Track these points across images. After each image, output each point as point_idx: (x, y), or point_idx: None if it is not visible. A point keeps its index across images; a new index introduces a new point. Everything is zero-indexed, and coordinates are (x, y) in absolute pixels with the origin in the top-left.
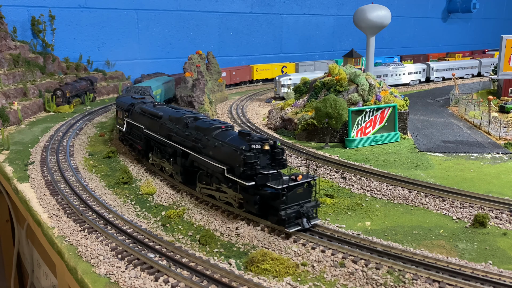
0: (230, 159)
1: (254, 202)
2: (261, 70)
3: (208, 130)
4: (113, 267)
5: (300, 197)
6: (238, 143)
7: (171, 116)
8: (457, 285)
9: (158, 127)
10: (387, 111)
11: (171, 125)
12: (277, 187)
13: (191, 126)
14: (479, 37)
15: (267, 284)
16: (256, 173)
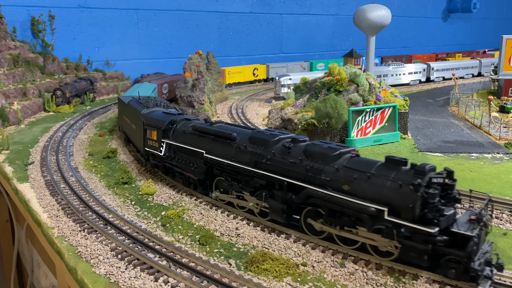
0: (392, 197)
1: (424, 253)
2: (233, 74)
3: (329, 157)
4: (113, 267)
5: (481, 240)
6: (405, 177)
7: (253, 137)
8: (457, 285)
9: (234, 152)
10: (387, 111)
11: (257, 149)
12: (470, 233)
13: (296, 151)
14: (479, 37)
15: (267, 284)
16: (439, 215)
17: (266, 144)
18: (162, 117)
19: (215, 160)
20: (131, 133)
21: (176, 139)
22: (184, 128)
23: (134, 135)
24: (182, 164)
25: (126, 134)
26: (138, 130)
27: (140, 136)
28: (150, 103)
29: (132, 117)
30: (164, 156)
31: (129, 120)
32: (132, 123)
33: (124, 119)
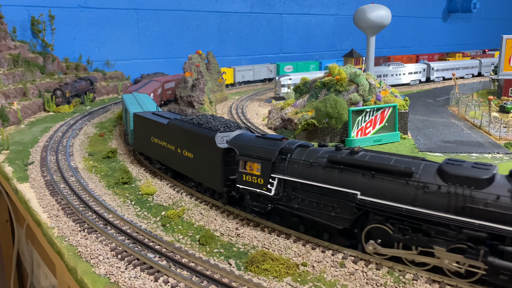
0: None
1: None
2: None
3: None
4: (113, 267)
5: None
6: None
7: (449, 173)
8: (457, 285)
9: (415, 194)
10: (387, 111)
11: (461, 190)
12: None
13: None
14: (479, 37)
15: (267, 284)
16: None
17: (476, 183)
18: (265, 144)
19: (380, 205)
20: (178, 162)
21: (295, 173)
22: (306, 159)
23: (187, 165)
24: (309, 207)
25: (159, 161)
26: (200, 160)
27: (206, 168)
28: (215, 124)
29: (180, 142)
30: (276, 197)
31: (171, 144)
32: (181, 148)
33: (153, 142)
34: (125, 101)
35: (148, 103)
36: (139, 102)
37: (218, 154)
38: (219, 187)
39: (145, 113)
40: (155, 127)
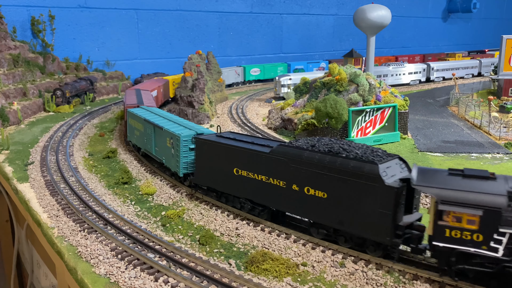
0: None
1: None
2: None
3: None
4: (113, 267)
5: None
6: None
7: None
8: (457, 285)
9: None
10: (387, 111)
11: None
12: None
13: None
14: (479, 37)
15: (267, 284)
16: None
17: None
18: (478, 185)
19: None
20: (293, 202)
21: None
22: None
23: (313, 207)
24: None
25: (250, 200)
26: (343, 201)
27: (355, 211)
28: (356, 151)
29: (298, 176)
30: (506, 258)
31: (278, 179)
32: (300, 185)
33: (238, 175)
34: (145, 118)
35: (185, 121)
36: (170, 119)
37: (387, 195)
38: (386, 238)
39: (211, 136)
40: (241, 156)
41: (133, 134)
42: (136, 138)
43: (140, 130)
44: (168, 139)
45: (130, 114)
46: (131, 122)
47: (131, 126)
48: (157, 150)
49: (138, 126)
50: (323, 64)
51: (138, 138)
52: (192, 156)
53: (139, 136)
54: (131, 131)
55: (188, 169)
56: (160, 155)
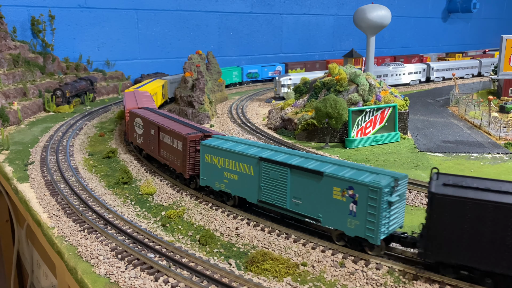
0: None
1: None
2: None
3: None
4: (113, 267)
5: None
6: None
7: None
8: (457, 285)
9: None
10: (387, 111)
11: None
12: None
13: None
14: (479, 37)
15: (267, 284)
16: None
17: None
18: None
19: None
20: None
21: None
22: None
23: None
24: None
25: None
26: None
27: None
28: None
29: None
30: None
31: None
32: None
33: None
34: (260, 157)
35: (328, 158)
36: (296, 154)
37: None
38: None
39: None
40: None
41: (217, 175)
42: (225, 181)
43: (239, 171)
44: (338, 190)
45: (207, 149)
46: (210, 159)
47: (208, 165)
48: (299, 203)
49: (231, 165)
50: (279, 67)
51: (234, 183)
52: (394, 212)
53: (235, 181)
54: (208, 170)
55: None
56: (308, 210)
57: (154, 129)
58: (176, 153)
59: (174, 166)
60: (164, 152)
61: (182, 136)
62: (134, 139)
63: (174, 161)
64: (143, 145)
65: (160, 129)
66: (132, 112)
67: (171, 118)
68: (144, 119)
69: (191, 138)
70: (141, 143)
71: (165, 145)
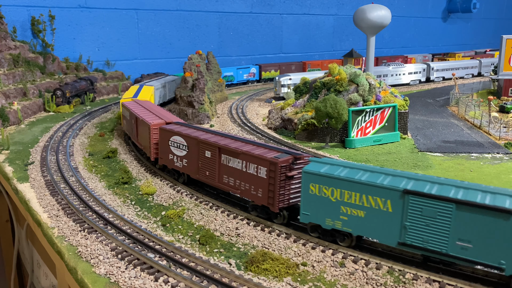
0: None
1: None
2: None
3: None
4: (113, 267)
5: None
6: None
7: None
8: (457, 285)
9: None
10: (387, 111)
11: None
12: None
13: None
14: (479, 37)
15: (267, 284)
16: None
17: None
18: None
19: None
20: None
21: None
22: None
23: None
24: None
25: None
26: None
27: None
28: None
29: None
30: None
31: None
32: None
33: None
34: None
35: None
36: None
37: None
38: None
39: None
40: None
41: (329, 210)
42: (343, 218)
43: (367, 206)
44: None
45: (313, 178)
46: (317, 191)
47: (315, 198)
48: (467, 246)
49: (354, 198)
50: (254, 69)
51: (358, 221)
52: None
53: (360, 218)
54: (315, 204)
55: None
56: (483, 256)
57: (210, 150)
58: (254, 181)
59: (250, 196)
60: (230, 179)
61: (266, 160)
62: (170, 161)
63: (250, 191)
64: (188, 169)
65: (223, 151)
66: (164, 129)
67: (226, 136)
68: (189, 138)
69: (282, 163)
70: (184, 166)
71: (231, 170)
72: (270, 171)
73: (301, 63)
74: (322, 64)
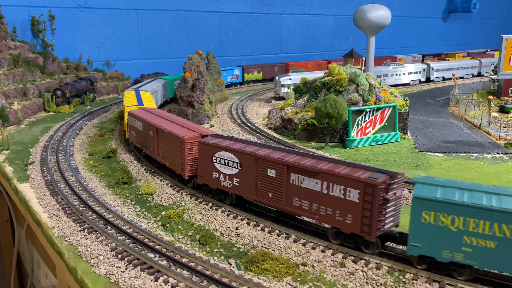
0: None
1: None
2: None
3: None
4: (113, 267)
5: None
6: None
7: None
8: (457, 284)
9: None
10: (387, 111)
11: None
12: None
13: None
14: (479, 37)
15: (267, 284)
16: None
17: None
18: None
19: None
20: None
21: None
22: None
23: None
24: None
25: None
26: None
27: None
28: None
29: None
30: None
31: None
32: None
33: None
34: None
35: None
36: None
37: None
38: None
39: None
40: None
41: (448, 241)
42: (466, 250)
43: (500, 236)
44: None
45: (427, 204)
46: (433, 219)
47: (429, 227)
48: None
49: (482, 227)
50: (237, 71)
51: (485, 253)
52: None
53: (490, 250)
54: (429, 234)
55: None
56: None
57: (275, 169)
58: (340, 205)
59: (334, 222)
60: (304, 202)
61: (360, 181)
62: (214, 180)
63: (333, 216)
64: (241, 189)
65: (292, 169)
66: (206, 144)
67: (290, 151)
68: (243, 154)
69: (381, 184)
70: (235, 186)
71: (305, 192)
72: (365, 194)
73: (284, 64)
74: (306, 65)
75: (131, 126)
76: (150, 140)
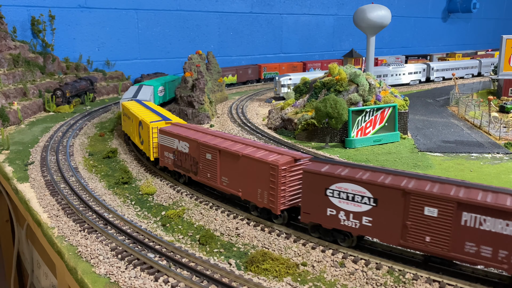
0: None
1: None
2: None
3: None
4: (113, 267)
5: None
6: None
7: None
8: (457, 285)
9: None
10: (387, 111)
11: None
12: None
13: None
14: (479, 37)
15: (267, 284)
16: None
17: None
18: None
19: None
20: None
21: None
22: None
23: None
24: None
25: None
26: None
27: None
28: None
29: None
30: None
31: None
32: None
33: None
34: None
35: None
36: None
37: None
38: None
39: None
40: None
41: None
42: None
43: None
44: None
45: None
46: None
47: None
48: None
49: None
50: None
51: None
52: None
53: None
54: None
55: None
56: None
57: (438, 207)
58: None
59: None
60: None
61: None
62: (331, 219)
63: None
64: (378, 232)
65: (463, 207)
66: (316, 173)
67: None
68: (380, 187)
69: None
70: (366, 227)
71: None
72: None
73: (257, 66)
74: (280, 67)
75: (164, 147)
76: (204, 164)
